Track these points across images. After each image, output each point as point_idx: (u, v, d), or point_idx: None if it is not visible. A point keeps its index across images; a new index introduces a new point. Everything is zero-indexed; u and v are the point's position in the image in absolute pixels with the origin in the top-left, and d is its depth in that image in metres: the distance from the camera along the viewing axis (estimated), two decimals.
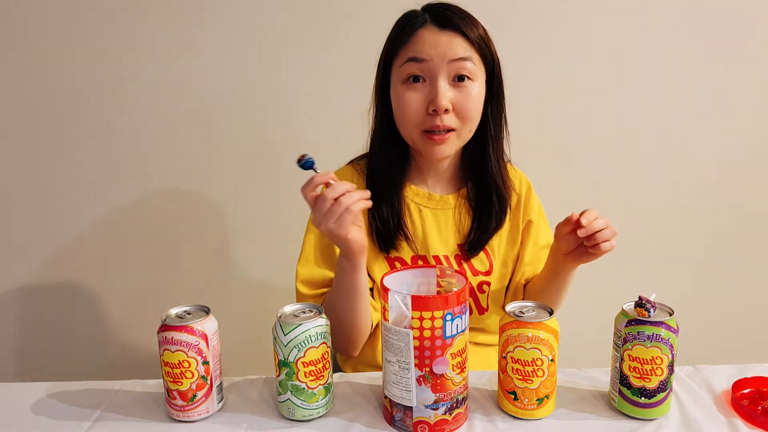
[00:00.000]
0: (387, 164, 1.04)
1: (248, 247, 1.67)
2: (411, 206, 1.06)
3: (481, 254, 1.08)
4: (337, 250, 0.99)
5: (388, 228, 1.02)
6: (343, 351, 1.05)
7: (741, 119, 1.63)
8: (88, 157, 1.59)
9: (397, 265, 1.04)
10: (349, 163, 1.11)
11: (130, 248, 1.65)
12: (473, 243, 1.06)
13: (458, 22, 0.95)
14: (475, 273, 1.07)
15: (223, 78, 1.55)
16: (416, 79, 0.96)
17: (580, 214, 0.89)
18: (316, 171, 0.86)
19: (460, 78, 0.95)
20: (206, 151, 1.60)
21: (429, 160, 1.05)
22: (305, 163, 0.86)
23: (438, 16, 0.96)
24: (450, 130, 0.97)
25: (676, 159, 1.65)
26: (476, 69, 0.96)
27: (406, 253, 1.05)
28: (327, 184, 0.84)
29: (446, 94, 0.94)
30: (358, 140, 1.09)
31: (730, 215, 1.69)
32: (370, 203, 0.87)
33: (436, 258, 1.05)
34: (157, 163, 1.60)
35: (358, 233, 0.88)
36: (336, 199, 0.83)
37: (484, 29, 0.98)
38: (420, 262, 1.05)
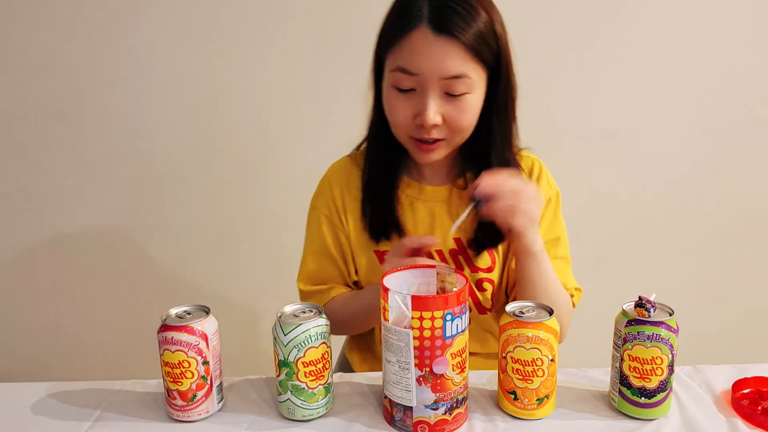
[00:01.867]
0: (383, 154, 1.00)
1: (248, 247, 1.67)
2: (402, 198, 1.01)
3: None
4: (335, 250, 1.04)
5: (380, 219, 0.99)
6: (339, 333, 1.09)
7: (743, 119, 1.63)
8: (87, 156, 1.59)
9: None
10: (349, 154, 1.07)
11: (130, 248, 1.65)
12: (476, 245, 1.00)
13: (456, 23, 0.84)
14: (474, 270, 1.01)
15: (226, 77, 1.55)
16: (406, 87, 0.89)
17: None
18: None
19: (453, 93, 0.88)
20: (206, 151, 1.60)
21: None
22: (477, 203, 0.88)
23: (435, 14, 0.84)
24: (439, 140, 0.91)
25: (676, 159, 1.65)
26: (472, 81, 0.87)
27: None
28: (429, 252, 0.91)
29: (436, 109, 0.87)
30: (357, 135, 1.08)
31: (730, 215, 1.69)
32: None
33: (429, 253, 0.96)
34: (157, 162, 1.60)
35: None
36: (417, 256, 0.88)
37: (487, 20, 0.86)
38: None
